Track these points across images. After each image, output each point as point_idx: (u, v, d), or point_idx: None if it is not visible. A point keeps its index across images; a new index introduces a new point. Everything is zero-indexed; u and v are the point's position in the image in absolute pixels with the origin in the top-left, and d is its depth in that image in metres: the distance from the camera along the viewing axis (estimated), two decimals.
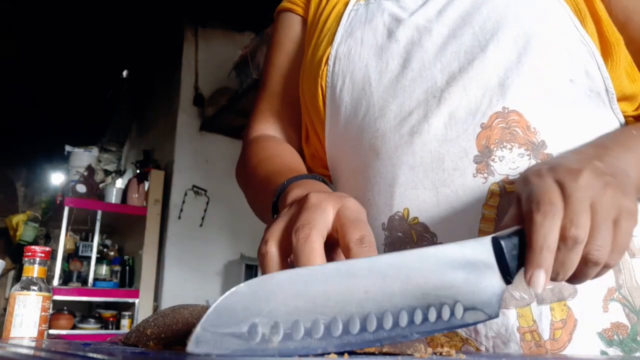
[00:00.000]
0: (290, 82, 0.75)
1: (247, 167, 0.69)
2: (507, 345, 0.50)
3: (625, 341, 0.49)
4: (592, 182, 0.39)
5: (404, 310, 0.34)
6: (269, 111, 0.77)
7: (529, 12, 0.57)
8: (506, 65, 0.55)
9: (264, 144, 0.72)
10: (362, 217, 0.40)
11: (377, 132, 0.60)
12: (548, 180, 0.40)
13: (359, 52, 0.64)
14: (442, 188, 0.54)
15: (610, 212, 0.39)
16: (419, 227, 0.55)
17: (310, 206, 0.40)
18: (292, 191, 0.48)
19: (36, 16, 3.83)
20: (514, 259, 0.38)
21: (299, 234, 0.37)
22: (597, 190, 0.39)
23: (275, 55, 0.79)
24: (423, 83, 0.58)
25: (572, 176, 0.39)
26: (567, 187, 0.39)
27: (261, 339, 0.30)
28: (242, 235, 3.45)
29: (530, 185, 0.40)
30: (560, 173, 0.40)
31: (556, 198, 0.38)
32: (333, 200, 0.40)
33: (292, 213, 0.42)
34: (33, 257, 0.80)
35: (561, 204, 0.38)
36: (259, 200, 0.63)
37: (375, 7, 0.67)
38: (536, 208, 0.38)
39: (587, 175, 0.40)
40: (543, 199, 0.38)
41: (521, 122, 0.53)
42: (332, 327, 0.32)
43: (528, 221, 0.38)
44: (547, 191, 0.39)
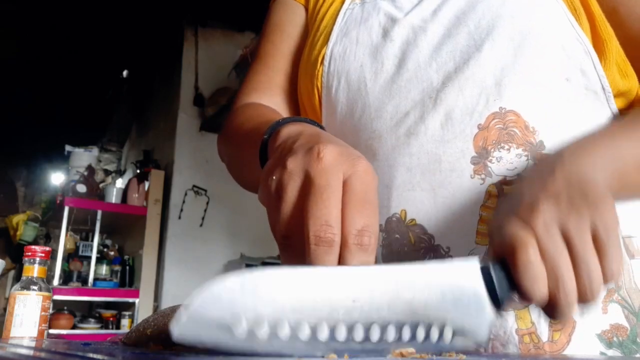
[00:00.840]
0: (294, 63, 0.73)
1: (231, 125, 0.65)
2: (505, 347, 0.50)
3: (624, 343, 0.49)
4: (551, 212, 0.38)
5: (392, 324, 0.34)
6: (267, 83, 0.72)
7: (525, 10, 0.56)
8: (502, 64, 0.55)
9: (254, 106, 0.68)
10: (371, 196, 0.36)
11: (373, 133, 0.59)
12: (514, 228, 0.38)
13: (354, 52, 0.64)
14: (440, 189, 0.54)
15: (583, 234, 0.37)
16: (417, 229, 0.54)
17: (322, 183, 0.35)
18: (287, 127, 0.43)
19: (36, 16, 3.83)
20: (504, 289, 0.37)
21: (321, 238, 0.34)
22: (560, 216, 0.37)
23: (276, 35, 0.76)
24: (419, 83, 0.58)
25: (530, 215, 0.38)
26: (532, 227, 0.37)
27: (246, 333, 0.30)
28: (242, 235, 3.45)
29: (501, 236, 0.38)
30: (520, 214, 0.39)
31: (527, 243, 0.37)
32: (344, 162, 0.36)
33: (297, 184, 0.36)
34: (33, 257, 0.80)
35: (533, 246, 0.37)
36: (243, 156, 0.58)
37: (370, 7, 0.67)
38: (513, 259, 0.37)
39: (544, 205, 0.38)
40: (517, 250, 0.37)
41: (519, 122, 0.53)
42: (318, 330, 0.32)
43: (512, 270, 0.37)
44: (516, 240, 0.37)
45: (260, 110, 0.66)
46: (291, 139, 0.41)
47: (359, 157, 0.37)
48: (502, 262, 0.38)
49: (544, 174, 0.42)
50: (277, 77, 0.73)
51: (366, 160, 0.37)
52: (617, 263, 0.37)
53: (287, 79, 0.73)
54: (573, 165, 0.43)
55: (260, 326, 0.30)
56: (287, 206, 0.36)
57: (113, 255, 3.50)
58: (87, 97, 5.04)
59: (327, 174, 0.35)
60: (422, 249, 0.54)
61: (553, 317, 0.38)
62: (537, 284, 0.36)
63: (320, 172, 0.35)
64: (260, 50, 0.76)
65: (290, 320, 0.31)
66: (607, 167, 0.44)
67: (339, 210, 0.34)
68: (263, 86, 0.72)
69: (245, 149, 0.56)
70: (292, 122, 0.45)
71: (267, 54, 0.75)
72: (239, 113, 0.67)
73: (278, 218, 0.36)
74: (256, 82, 0.73)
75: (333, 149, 0.36)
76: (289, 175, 0.36)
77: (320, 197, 0.34)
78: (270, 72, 0.73)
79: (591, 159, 0.44)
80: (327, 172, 0.35)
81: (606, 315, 0.49)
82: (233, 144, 0.64)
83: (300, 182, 0.36)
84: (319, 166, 0.35)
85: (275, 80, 0.72)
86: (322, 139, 0.38)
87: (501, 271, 0.37)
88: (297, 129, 0.42)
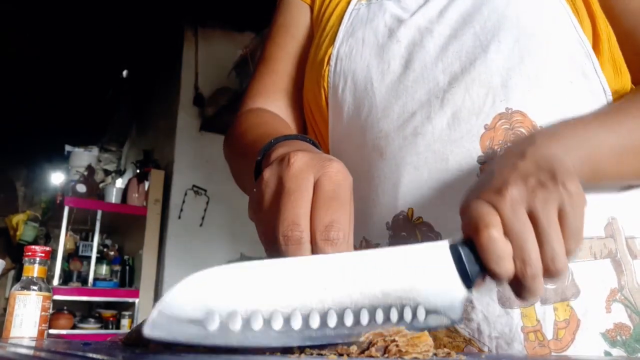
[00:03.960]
0: (299, 64, 0.73)
1: (234, 135, 0.66)
2: (510, 345, 0.50)
3: (628, 342, 0.49)
4: (519, 193, 0.38)
5: (365, 308, 0.34)
6: (271, 87, 0.73)
7: (530, 12, 0.57)
8: (508, 66, 0.55)
9: (258, 113, 0.70)
10: (340, 194, 0.37)
11: (380, 132, 0.60)
12: (479, 205, 0.39)
13: (361, 52, 0.64)
14: (447, 188, 0.54)
15: (549, 211, 0.38)
16: (423, 227, 0.55)
17: (291, 186, 0.37)
18: (277, 150, 0.45)
19: (36, 16, 3.83)
20: (473, 266, 0.38)
21: (288, 241, 0.36)
22: (527, 196, 0.38)
23: (281, 37, 0.76)
24: (425, 84, 0.58)
25: (499, 196, 0.38)
26: (496, 206, 0.38)
27: (219, 327, 0.30)
28: (242, 235, 3.44)
29: (466, 213, 0.39)
30: (487, 193, 0.39)
31: (490, 221, 0.37)
32: (314, 166, 0.38)
33: (271, 191, 0.39)
34: (33, 257, 0.79)
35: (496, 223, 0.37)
36: (243, 165, 0.60)
37: (376, 7, 0.67)
38: (477, 235, 0.37)
39: (512, 188, 0.38)
40: (480, 226, 0.37)
41: (525, 122, 0.53)
42: (292, 319, 0.32)
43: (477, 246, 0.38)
44: (480, 217, 0.38)
45: (262, 118, 0.67)
46: (278, 158, 0.42)
47: (330, 159, 0.39)
48: (470, 242, 0.38)
49: (515, 155, 0.43)
50: (281, 81, 0.73)
51: (339, 162, 0.39)
52: (577, 238, 0.38)
53: (292, 82, 0.73)
54: (543, 148, 0.43)
55: (233, 319, 0.31)
56: (265, 215, 0.39)
57: (113, 255, 3.50)
58: (87, 97, 5.03)
59: (297, 178, 0.37)
60: None
61: (520, 294, 0.38)
62: (502, 261, 0.37)
63: (290, 177, 0.38)
64: (266, 52, 0.77)
65: (264, 312, 0.32)
66: (579, 153, 0.45)
67: (308, 210, 0.36)
68: (267, 90, 0.73)
69: (243, 161, 0.59)
70: (284, 141, 0.47)
71: (272, 56, 0.75)
72: (242, 119, 0.68)
73: (260, 229, 0.39)
74: (261, 86, 0.73)
75: (303, 155, 0.39)
76: (265, 185, 0.39)
77: (289, 199, 0.37)
78: (275, 75, 0.74)
79: (562, 143, 0.45)
80: (296, 176, 0.37)
81: (610, 314, 0.50)
82: (234, 153, 0.66)
83: (274, 190, 0.38)
84: (289, 172, 0.38)
85: (280, 84, 0.73)
86: (295, 148, 0.41)
87: (469, 249, 0.38)
88: (284, 149, 0.44)
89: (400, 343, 0.33)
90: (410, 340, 0.34)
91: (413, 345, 0.33)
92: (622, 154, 0.49)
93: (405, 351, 0.33)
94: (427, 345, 0.34)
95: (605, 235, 0.52)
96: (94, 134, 5.04)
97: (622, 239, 0.52)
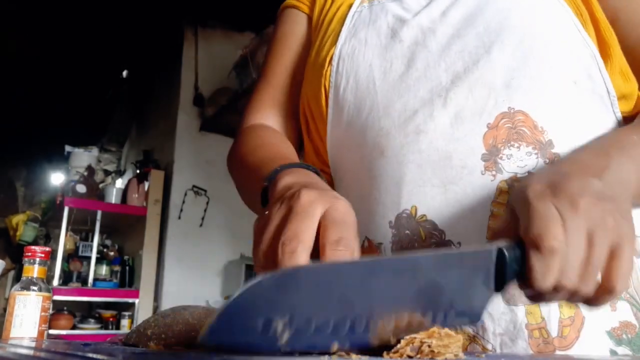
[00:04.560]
0: (295, 76, 0.75)
1: (239, 153, 0.68)
2: (514, 342, 0.50)
3: (633, 340, 0.49)
4: (590, 212, 0.38)
5: (405, 312, 0.34)
6: (269, 101, 0.76)
7: (532, 14, 0.57)
8: (511, 67, 0.56)
9: (260, 132, 0.72)
10: (348, 219, 0.40)
11: (381, 130, 0.60)
12: (549, 210, 0.38)
13: (363, 52, 0.64)
14: (451, 185, 0.54)
15: (605, 245, 0.37)
16: (427, 225, 0.55)
17: (299, 210, 0.39)
18: (283, 178, 0.47)
19: (36, 16, 3.83)
20: (512, 272, 0.38)
21: (285, 248, 0.37)
22: (595, 220, 0.38)
23: (279, 49, 0.78)
24: (427, 83, 0.59)
25: (571, 206, 0.38)
26: (566, 219, 0.37)
27: (273, 334, 0.30)
28: (242, 235, 3.44)
29: (530, 210, 0.38)
30: (560, 200, 0.38)
31: (559, 233, 0.37)
32: (323, 201, 0.40)
33: (281, 215, 0.41)
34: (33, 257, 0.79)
35: (563, 238, 0.37)
36: (248, 187, 0.63)
37: (378, 9, 0.67)
38: (539, 242, 0.37)
39: (585, 203, 0.38)
40: (546, 235, 0.37)
41: (527, 121, 0.54)
42: (340, 325, 0.32)
43: (530, 249, 0.37)
44: (548, 224, 0.37)
45: (264, 139, 0.69)
46: (285, 189, 0.45)
47: (338, 197, 0.42)
48: (519, 242, 0.38)
49: (593, 168, 0.43)
50: (278, 94, 0.76)
51: (345, 200, 0.42)
52: (624, 282, 0.38)
53: (288, 94, 0.76)
54: (620, 168, 0.44)
55: (287, 327, 0.30)
56: (268, 233, 0.41)
57: (113, 256, 3.50)
58: (87, 97, 5.03)
59: (305, 207, 0.40)
60: (433, 245, 0.54)
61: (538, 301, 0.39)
62: (548, 277, 0.36)
63: (299, 206, 0.40)
64: (265, 66, 0.80)
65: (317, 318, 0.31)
66: (637, 177, 0.46)
67: (309, 229, 0.38)
68: (266, 105, 0.76)
69: (249, 183, 0.61)
70: (289, 169, 0.50)
71: (269, 70, 0.78)
72: (245, 139, 0.70)
73: (259, 246, 0.40)
74: (259, 101, 0.77)
75: (312, 191, 0.41)
76: (274, 212, 0.41)
77: (295, 218, 0.39)
78: (271, 89, 0.77)
79: (630, 166, 0.46)
80: (305, 205, 0.40)
81: (615, 312, 0.50)
82: (240, 173, 0.68)
83: (281, 219, 0.40)
84: (298, 202, 0.40)
85: (276, 97, 0.76)
86: (306, 184, 0.43)
87: (515, 254, 0.37)
88: (291, 179, 0.47)
89: (433, 343, 0.33)
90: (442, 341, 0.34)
91: (445, 346, 0.33)
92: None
93: (438, 352, 0.33)
94: (457, 347, 0.34)
95: None
96: (94, 134, 5.04)
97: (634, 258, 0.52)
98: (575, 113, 0.55)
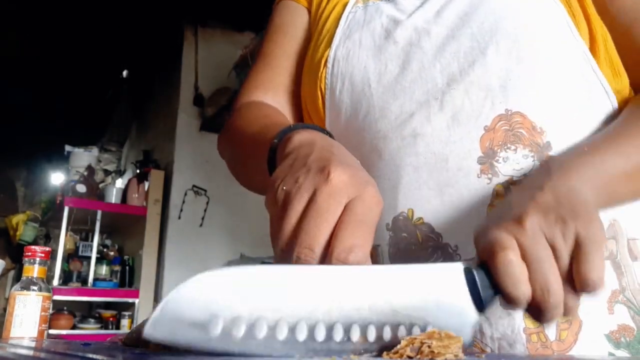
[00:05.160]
0: (297, 62, 0.73)
1: (235, 126, 0.65)
2: (512, 346, 0.50)
3: (632, 343, 0.49)
4: (539, 225, 0.38)
5: (373, 324, 0.34)
6: (269, 83, 0.72)
7: (526, 14, 0.57)
8: (507, 68, 0.55)
9: (259, 106, 0.69)
10: (368, 219, 0.37)
11: (378, 133, 0.60)
12: (497, 231, 0.38)
13: (358, 54, 0.64)
14: (447, 188, 0.54)
15: (569, 245, 0.38)
16: (424, 228, 0.55)
17: (321, 203, 0.36)
18: (298, 134, 0.44)
19: (36, 16, 3.83)
20: (487, 291, 0.37)
21: (299, 259, 0.35)
22: (546, 230, 0.38)
23: (278, 36, 0.76)
24: (423, 84, 0.58)
25: (518, 226, 0.38)
26: (517, 236, 0.38)
27: (221, 332, 0.30)
28: (242, 235, 3.44)
29: (483, 237, 0.39)
30: (507, 225, 0.39)
31: (507, 244, 0.37)
32: (351, 188, 0.37)
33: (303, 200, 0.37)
34: (33, 257, 0.79)
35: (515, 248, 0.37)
36: (248, 155, 0.58)
37: (373, 10, 0.67)
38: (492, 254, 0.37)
39: (531, 219, 0.38)
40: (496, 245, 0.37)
41: (525, 123, 0.53)
42: (296, 330, 0.31)
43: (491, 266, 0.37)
44: (497, 238, 0.38)
45: (265, 110, 0.66)
46: (303, 148, 0.42)
47: (368, 182, 0.38)
48: (485, 266, 0.38)
49: (533, 188, 0.43)
50: (279, 76, 0.73)
51: (374, 186, 0.39)
52: (599, 272, 0.37)
53: (290, 78, 0.73)
54: (561, 180, 0.43)
55: (236, 326, 0.30)
56: (289, 222, 0.37)
57: (113, 256, 3.50)
58: (87, 97, 5.03)
59: (331, 197, 0.36)
60: (430, 247, 0.54)
61: (539, 319, 0.38)
62: (519, 285, 0.36)
63: (325, 195, 0.36)
64: (263, 51, 0.76)
65: (269, 319, 0.31)
66: (595, 183, 0.45)
67: (328, 235, 0.36)
68: (265, 85, 0.72)
69: (250, 150, 0.57)
70: (303, 128, 0.46)
71: (270, 53, 0.75)
72: (242, 111, 0.67)
73: (279, 232, 0.37)
74: (259, 81, 0.73)
75: (343, 173, 0.37)
76: (298, 191, 0.38)
77: (314, 220, 0.36)
78: (273, 71, 0.73)
79: (579, 174, 0.45)
80: (331, 195, 0.36)
81: (613, 315, 0.50)
82: (237, 144, 0.64)
83: (307, 200, 0.37)
84: (326, 188, 0.37)
85: (278, 79, 0.72)
86: (335, 157, 0.39)
87: (484, 274, 0.38)
88: (310, 137, 0.43)
89: (433, 344, 0.33)
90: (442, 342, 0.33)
91: (445, 347, 0.33)
92: (634, 174, 0.49)
93: (438, 352, 0.33)
94: (457, 347, 0.34)
95: (607, 236, 0.52)
96: (94, 134, 5.04)
97: (624, 240, 0.52)
98: (573, 114, 0.54)
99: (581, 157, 0.48)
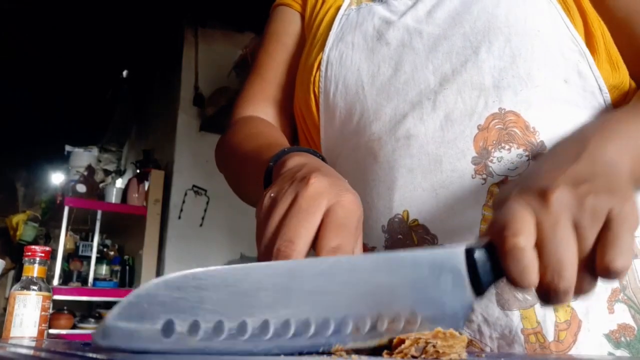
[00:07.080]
0: (289, 73, 0.74)
1: (231, 142, 0.66)
2: (511, 346, 0.49)
3: (632, 343, 0.49)
4: (566, 200, 0.34)
5: (349, 317, 0.33)
6: (262, 95, 0.74)
7: (520, 11, 0.56)
8: (500, 67, 0.55)
9: (254, 122, 0.70)
10: (349, 223, 0.38)
11: (372, 135, 0.59)
12: (515, 208, 0.35)
13: (351, 57, 0.64)
14: (441, 189, 0.54)
15: (593, 227, 0.34)
16: (419, 229, 0.54)
17: (302, 205, 0.38)
18: (293, 158, 0.46)
19: (36, 16, 3.83)
20: (487, 274, 0.35)
21: (280, 254, 0.36)
22: (574, 206, 0.34)
23: (272, 46, 0.77)
24: (416, 85, 0.58)
25: (542, 201, 0.34)
26: (539, 216, 0.34)
27: (178, 337, 0.29)
28: (242, 235, 3.44)
29: (499, 211, 0.36)
30: (531, 198, 0.35)
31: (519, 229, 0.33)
32: (330, 193, 0.38)
33: (286, 203, 0.39)
34: (33, 257, 0.80)
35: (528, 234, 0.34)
36: (245, 173, 0.60)
37: (365, 12, 0.67)
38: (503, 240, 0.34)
39: (559, 194, 0.34)
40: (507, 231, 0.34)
41: (519, 122, 0.53)
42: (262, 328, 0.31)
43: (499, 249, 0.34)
44: (509, 221, 0.34)
45: (259, 127, 0.67)
46: (296, 168, 0.44)
47: (347, 189, 0.40)
48: (490, 245, 0.35)
49: (567, 155, 0.39)
50: (270, 88, 0.74)
51: (354, 193, 0.40)
52: (625, 260, 0.33)
53: (281, 89, 0.74)
54: (600, 150, 0.40)
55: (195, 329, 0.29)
56: (273, 222, 0.39)
57: (113, 255, 3.50)
58: (87, 97, 5.03)
59: (311, 199, 0.38)
60: None
61: (547, 302, 0.35)
62: (527, 273, 0.33)
63: (305, 197, 0.38)
64: (257, 61, 0.78)
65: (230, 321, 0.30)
66: (633, 156, 0.42)
67: (308, 232, 0.37)
68: (257, 98, 0.74)
69: (246, 168, 0.59)
70: (297, 152, 0.48)
71: (262, 65, 0.77)
72: (237, 128, 0.68)
73: (262, 234, 0.39)
74: (251, 94, 0.75)
75: (324, 179, 0.39)
76: (282, 196, 0.40)
77: (296, 217, 0.37)
78: (264, 83, 0.75)
79: (617, 144, 0.41)
80: (311, 197, 0.38)
81: (613, 315, 0.49)
82: (234, 161, 0.66)
83: (289, 203, 0.39)
84: (306, 192, 0.38)
85: (269, 91, 0.74)
86: (319, 170, 0.41)
87: (487, 255, 0.35)
88: (302, 160, 0.45)
89: (438, 344, 0.33)
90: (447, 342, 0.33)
91: (450, 347, 0.33)
92: None
93: (442, 352, 0.33)
94: (461, 347, 0.34)
95: None
96: (94, 134, 5.04)
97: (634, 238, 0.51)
98: (567, 112, 0.54)
99: (618, 125, 0.45)
